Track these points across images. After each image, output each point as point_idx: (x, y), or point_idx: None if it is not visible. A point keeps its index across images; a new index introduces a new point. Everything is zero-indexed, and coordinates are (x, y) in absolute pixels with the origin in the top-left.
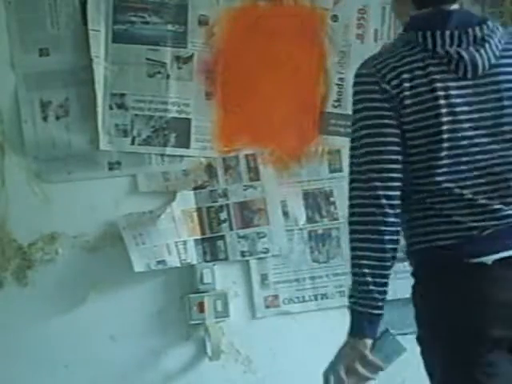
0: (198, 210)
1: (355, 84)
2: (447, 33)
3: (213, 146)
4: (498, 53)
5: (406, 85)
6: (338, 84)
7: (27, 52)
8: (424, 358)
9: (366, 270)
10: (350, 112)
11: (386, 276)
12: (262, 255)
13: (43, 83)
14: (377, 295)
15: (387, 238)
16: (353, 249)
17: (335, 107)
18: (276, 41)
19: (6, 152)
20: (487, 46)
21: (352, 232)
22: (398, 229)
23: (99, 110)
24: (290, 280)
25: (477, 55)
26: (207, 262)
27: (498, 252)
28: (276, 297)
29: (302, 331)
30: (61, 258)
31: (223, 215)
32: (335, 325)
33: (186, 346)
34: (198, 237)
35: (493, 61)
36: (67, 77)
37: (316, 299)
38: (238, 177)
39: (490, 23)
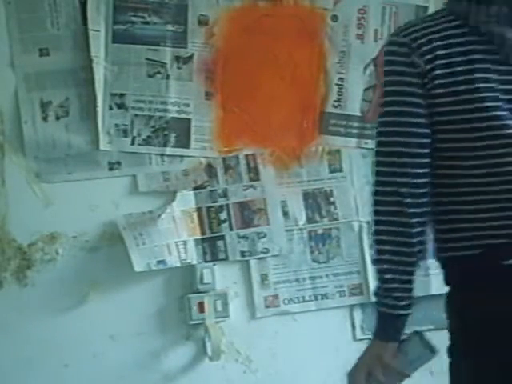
0: (198, 209)
1: (385, 53)
2: (493, 8)
3: (213, 146)
4: None
5: (440, 62)
6: (337, 84)
7: (27, 52)
8: (452, 371)
9: (387, 266)
10: (350, 112)
11: (410, 273)
12: (262, 255)
13: (43, 83)
14: (399, 294)
15: (411, 231)
16: (374, 241)
17: (335, 107)
18: (276, 41)
19: (5, 152)
20: None
21: (374, 223)
22: (425, 220)
23: (99, 109)
24: (289, 280)
25: None
26: (207, 262)
27: None
28: (276, 297)
29: (302, 331)
30: (61, 258)
31: (223, 215)
32: (335, 325)
33: (185, 345)
34: (198, 237)
35: None
36: (67, 77)
37: (316, 299)
38: (238, 177)
39: None
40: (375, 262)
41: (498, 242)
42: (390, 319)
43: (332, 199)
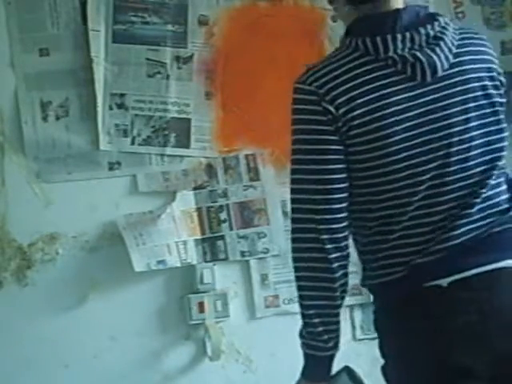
0: (198, 210)
1: (293, 101)
2: (399, 36)
3: (213, 146)
4: (454, 50)
5: (357, 101)
6: None
7: (27, 52)
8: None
9: (313, 311)
10: None
11: (335, 315)
12: (262, 255)
13: (43, 83)
14: (326, 336)
15: (333, 275)
16: (298, 287)
17: None
18: (276, 41)
19: (5, 152)
20: (442, 43)
21: (295, 269)
22: (346, 263)
23: (99, 110)
24: (290, 280)
25: (433, 55)
26: (207, 262)
27: (453, 273)
28: (276, 297)
29: None
30: (61, 257)
31: (223, 215)
32: None
33: (185, 345)
34: (198, 237)
35: (451, 59)
36: (67, 77)
37: None
38: (238, 177)
39: (441, 19)
40: (300, 306)
41: (419, 261)
42: (318, 361)
43: None
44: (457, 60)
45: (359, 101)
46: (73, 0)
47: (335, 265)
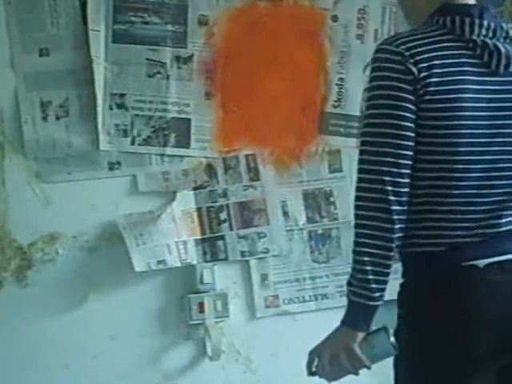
0: (198, 210)
1: (376, 59)
2: (485, 23)
3: (213, 146)
4: None
5: (436, 70)
6: (337, 84)
7: (27, 52)
8: (397, 362)
9: (367, 258)
10: (350, 112)
11: (387, 266)
12: (262, 255)
13: (43, 83)
14: (375, 285)
15: (392, 226)
16: (356, 234)
17: (335, 107)
18: (276, 41)
19: (6, 152)
20: None
21: (356, 216)
22: (404, 217)
23: (99, 110)
24: (290, 280)
25: (510, 50)
26: (207, 262)
27: (490, 256)
28: (276, 297)
29: (302, 331)
30: (61, 257)
31: (223, 215)
32: (335, 325)
33: (186, 345)
34: (198, 237)
35: None
36: (67, 77)
37: (316, 299)
38: (238, 177)
39: None
40: (355, 253)
41: (461, 241)
42: (363, 309)
43: (332, 199)
44: None
45: (437, 70)
46: (73, 0)
47: (396, 217)
